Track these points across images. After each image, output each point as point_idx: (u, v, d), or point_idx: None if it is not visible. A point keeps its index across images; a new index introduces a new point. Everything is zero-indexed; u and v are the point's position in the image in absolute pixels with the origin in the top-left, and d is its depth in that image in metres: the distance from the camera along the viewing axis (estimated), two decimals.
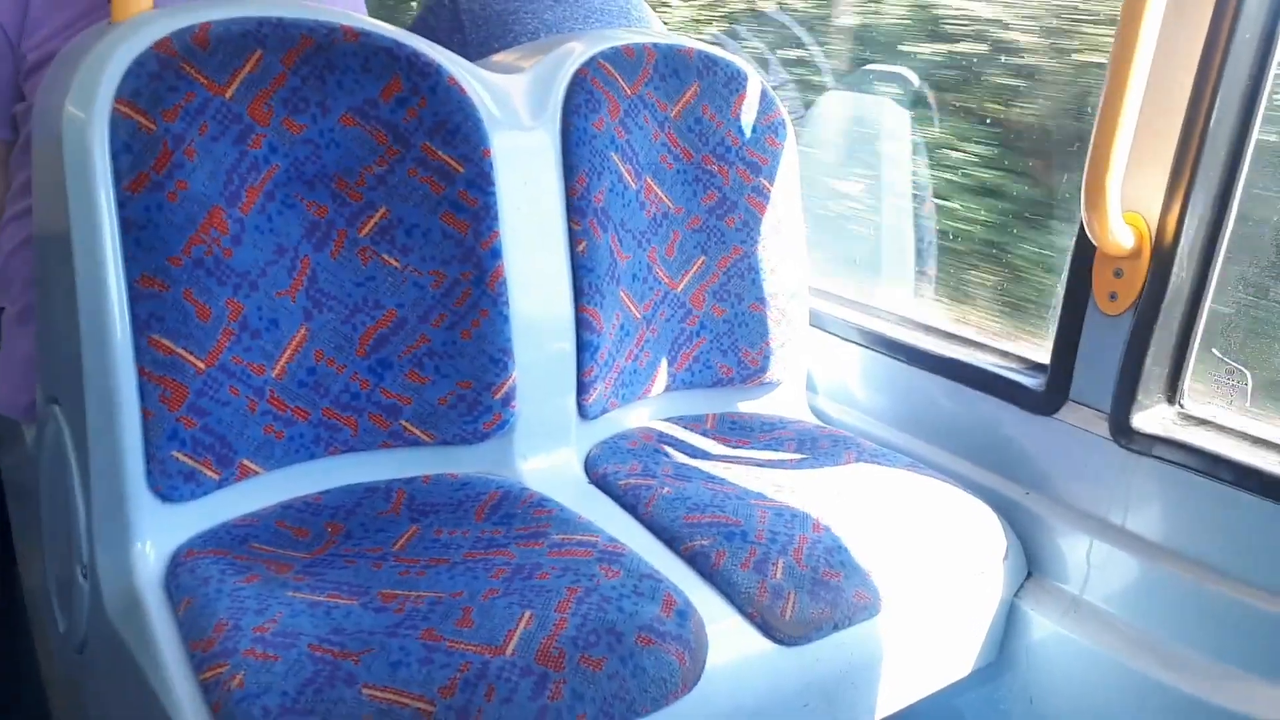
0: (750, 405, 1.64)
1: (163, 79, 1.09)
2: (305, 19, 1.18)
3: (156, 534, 1.11)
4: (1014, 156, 1.94)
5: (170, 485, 1.10)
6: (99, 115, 1.06)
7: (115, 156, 1.06)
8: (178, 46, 1.10)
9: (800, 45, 2.43)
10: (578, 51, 1.44)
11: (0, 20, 1.30)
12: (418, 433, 1.27)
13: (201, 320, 1.11)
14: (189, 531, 1.13)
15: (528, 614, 1.01)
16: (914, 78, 2.10)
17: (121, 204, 1.06)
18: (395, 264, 1.25)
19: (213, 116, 1.12)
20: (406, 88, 1.23)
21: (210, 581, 1.03)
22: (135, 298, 1.07)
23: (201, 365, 1.11)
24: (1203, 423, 1.30)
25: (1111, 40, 1.17)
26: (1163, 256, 1.26)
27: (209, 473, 1.12)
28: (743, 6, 2.76)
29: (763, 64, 2.44)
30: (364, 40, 1.21)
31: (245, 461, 1.15)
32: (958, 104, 2.04)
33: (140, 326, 1.07)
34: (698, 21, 2.86)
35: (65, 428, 1.16)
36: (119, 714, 1.14)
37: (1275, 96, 1.22)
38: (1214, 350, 1.36)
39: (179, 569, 1.08)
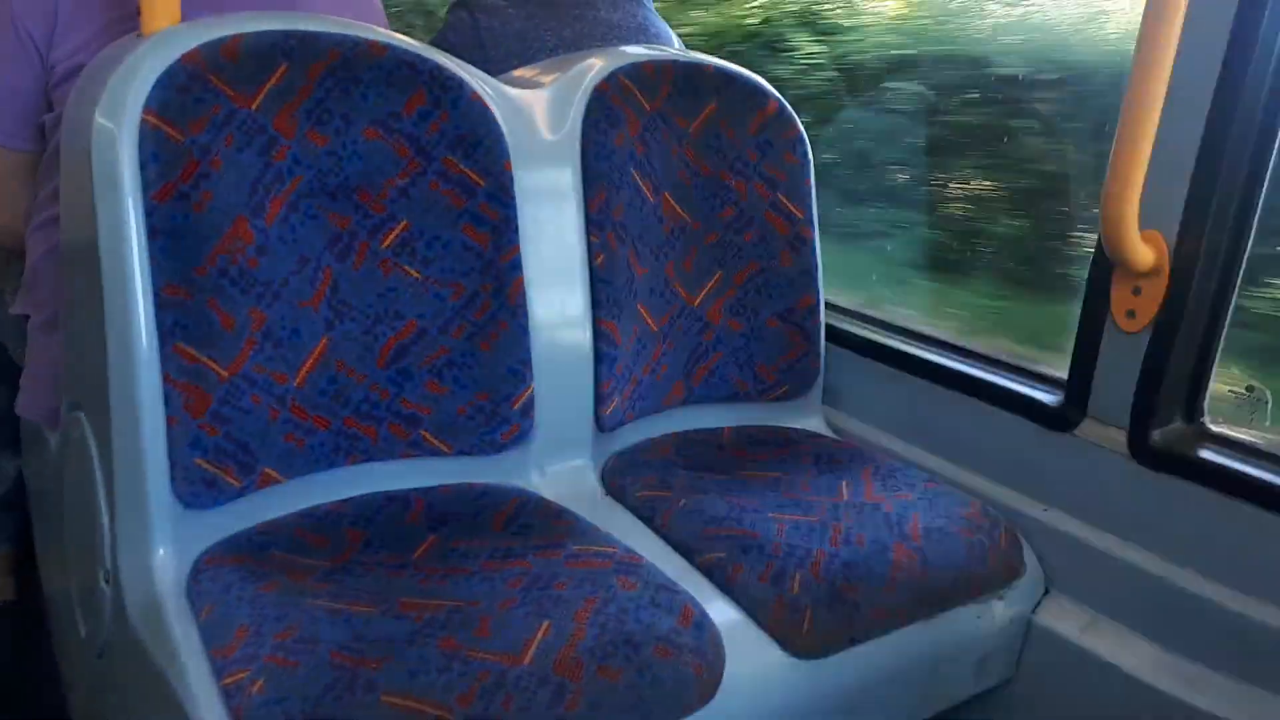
0: (766, 419, 1.64)
1: (190, 91, 1.10)
2: (331, 33, 1.20)
3: (178, 540, 1.12)
4: None
5: (192, 492, 1.11)
6: (128, 126, 1.07)
7: (143, 167, 1.07)
8: (206, 59, 1.11)
9: None
10: (598, 67, 1.45)
11: (30, 31, 1.32)
12: (437, 443, 1.28)
13: (225, 329, 1.12)
14: (210, 538, 1.14)
15: (546, 624, 1.01)
16: None
17: (149, 213, 1.08)
18: (416, 275, 1.26)
19: (238, 128, 1.13)
20: (429, 101, 1.24)
21: (231, 588, 1.04)
22: (161, 306, 1.08)
23: (225, 373, 1.12)
24: (1223, 441, 1.29)
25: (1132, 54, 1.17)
26: (1182, 274, 1.26)
27: (231, 480, 1.13)
28: None
29: None
30: (388, 54, 1.23)
31: (266, 469, 1.16)
32: None
33: (165, 334, 1.09)
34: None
35: (89, 434, 1.17)
36: (139, 718, 1.15)
37: None
38: (1233, 368, 1.36)
39: (200, 575, 1.09)
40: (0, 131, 1.37)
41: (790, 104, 1.60)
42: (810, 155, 1.62)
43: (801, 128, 1.62)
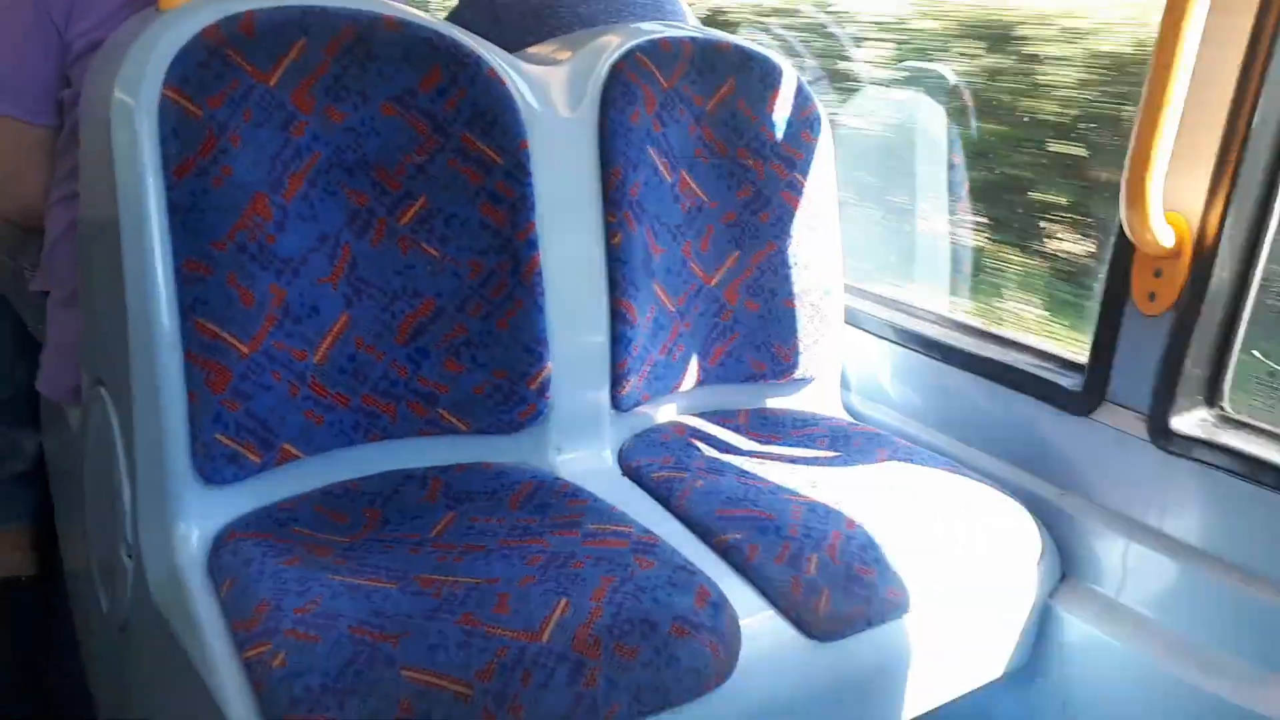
0: (783, 401, 1.64)
1: (210, 66, 1.10)
2: (348, 8, 1.19)
3: (200, 516, 1.13)
4: None
5: (213, 468, 1.12)
6: (147, 101, 1.07)
7: (163, 142, 1.07)
8: (225, 34, 1.11)
9: None
10: (615, 44, 1.44)
11: (48, 8, 1.32)
12: (454, 421, 1.28)
13: (245, 305, 1.12)
14: (231, 514, 1.15)
15: (564, 601, 1.02)
16: None
17: (169, 189, 1.08)
18: (434, 253, 1.26)
19: (257, 103, 1.13)
20: (446, 78, 1.24)
21: (252, 563, 1.05)
22: (181, 281, 1.09)
23: (245, 349, 1.12)
24: (1243, 425, 1.28)
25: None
26: (1204, 257, 1.25)
27: (251, 456, 1.14)
28: None
29: None
30: (405, 30, 1.22)
31: (286, 445, 1.17)
32: None
33: (186, 310, 1.09)
34: None
35: (111, 409, 1.18)
36: (161, 692, 1.16)
37: None
38: (1255, 352, 1.35)
39: (221, 550, 1.09)
40: (21, 107, 1.37)
41: None
42: (829, 134, 1.61)
43: (819, 106, 1.60)
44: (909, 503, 1.32)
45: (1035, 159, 2.16)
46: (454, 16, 1.82)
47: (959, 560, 1.26)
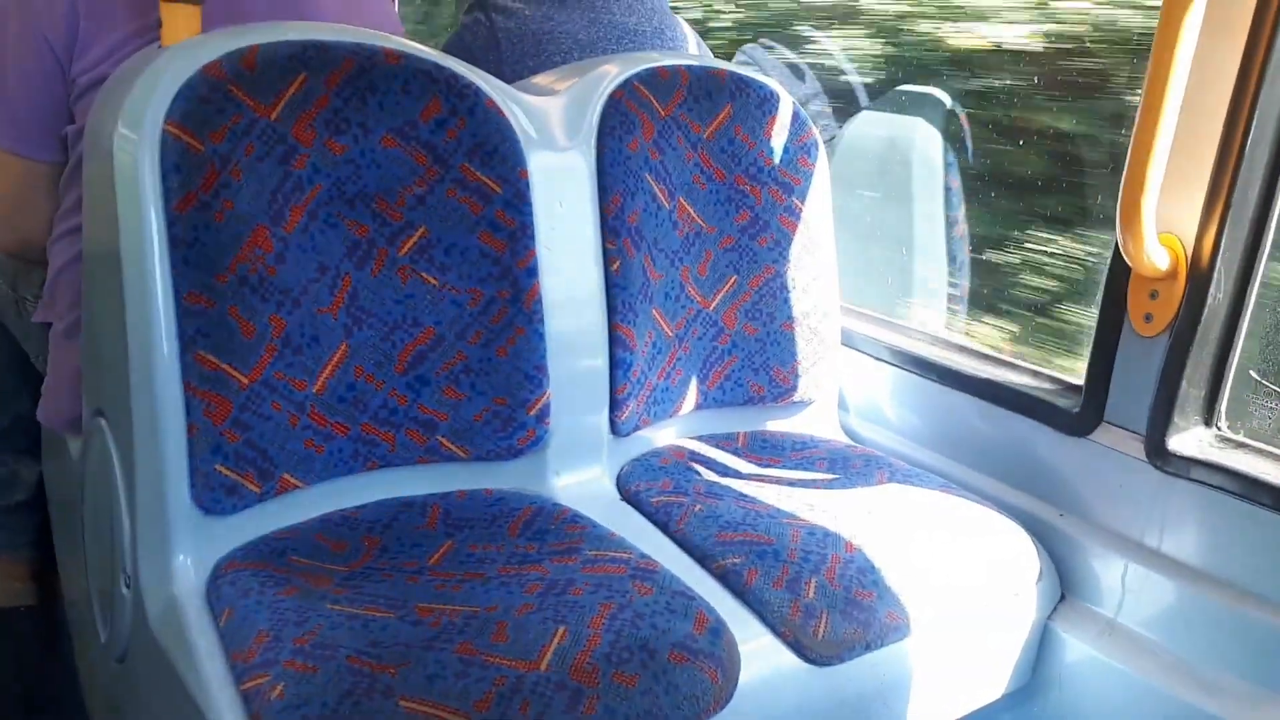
0: (782, 424, 1.64)
1: (211, 101, 1.12)
2: (346, 42, 1.21)
3: (198, 546, 1.13)
4: None
5: (213, 498, 1.12)
6: (149, 136, 1.09)
7: (165, 176, 1.09)
8: (226, 69, 1.13)
9: None
10: (613, 73, 1.46)
11: (50, 42, 1.33)
12: (453, 448, 1.29)
13: (245, 336, 1.13)
14: (230, 544, 1.15)
15: (562, 629, 1.02)
16: None
17: (170, 223, 1.09)
18: (434, 282, 1.27)
19: (258, 137, 1.15)
20: (445, 109, 1.25)
21: (251, 593, 1.05)
22: (182, 314, 1.10)
23: (245, 380, 1.13)
24: (1240, 445, 1.29)
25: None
26: (1199, 278, 1.26)
27: (250, 486, 1.14)
28: None
29: None
30: (404, 63, 1.24)
31: (286, 475, 1.17)
32: None
33: (186, 342, 1.10)
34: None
35: (111, 440, 1.19)
36: None
37: None
38: (1251, 372, 1.35)
39: (220, 580, 1.10)
40: (27, 143, 1.39)
41: None
42: (825, 160, 1.62)
43: (816, 132, 1.62)
44: (908, 525, 1.32)
45: None
46: (453, 42, 1.84)
47: (958, 582, 1.26)
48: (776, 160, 1.57)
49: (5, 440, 1.82)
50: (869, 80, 2.41)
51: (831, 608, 1.16)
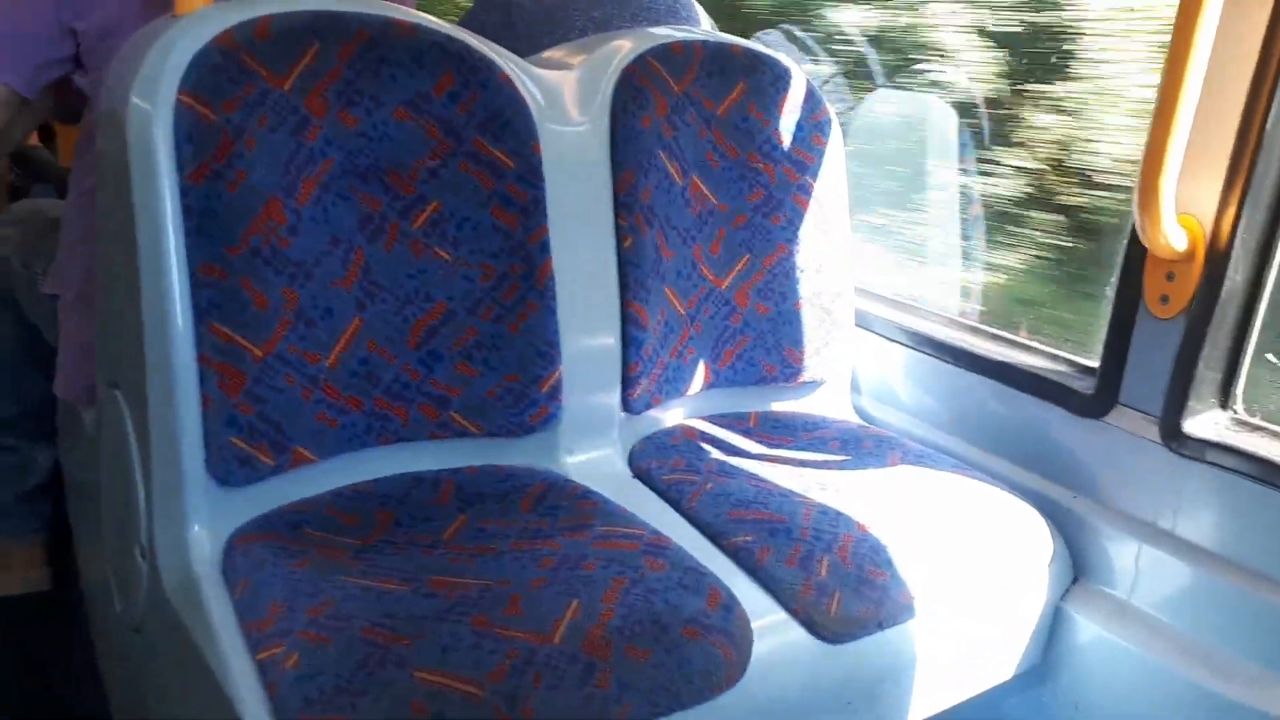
0: (794, 404, 1.64)
1: (224, 71, 1.11)
2: (359, 12, 1.20)
3: (213, 518, 1.13)
4: None
5: (227, 470, 1.12)
6: (163, 106, 1.08)
7: (178, 147, 1.08)
8: (239, 39, 1.12)
9: None
10: (626, 49, 1.45)
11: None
12: (466, 424, 1.29)
13: (259, 309, 1.13)
14: (244, 516, 1.15)
15: (575, 603, 1.02)
16: None
17: (184, 193, 1.09)
18: (446, 256, 1.26)
19: (271, 108, 1.14)
20: (458, 83, 1.25)
21: (265, 565, 1.05)
22: (196, 285, 1.09)
23: (259, 353, 1.13)
24: (1256, 428, 1.28)
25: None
26: (1217, 259, 1.25)
27: (264, 459, 1.14)
28: None
29: None
30: (417, 35, 1.23)
31: (299, 449, 1.17)
32: None
33: (201, 314, 1.10)
34: None
35: (125, 411, 1.19)
36: (175, 693, 1.17)
37: None
38: (1269, 355, 1.34)
39: (234, 552, 1.10)
40: (18, 78, 1.36)
41: None
42: (840, 138, 1.61)
43: (830, 110, 1.60)
44: (920, 505, 1.32)
45: None
46: (469, 18, 1.84)
47: (970, 563, 1.26)
48: (790, 138, 1.56)
49: (19, 426, 1.83)
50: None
51: (844, 586, 1.16)
